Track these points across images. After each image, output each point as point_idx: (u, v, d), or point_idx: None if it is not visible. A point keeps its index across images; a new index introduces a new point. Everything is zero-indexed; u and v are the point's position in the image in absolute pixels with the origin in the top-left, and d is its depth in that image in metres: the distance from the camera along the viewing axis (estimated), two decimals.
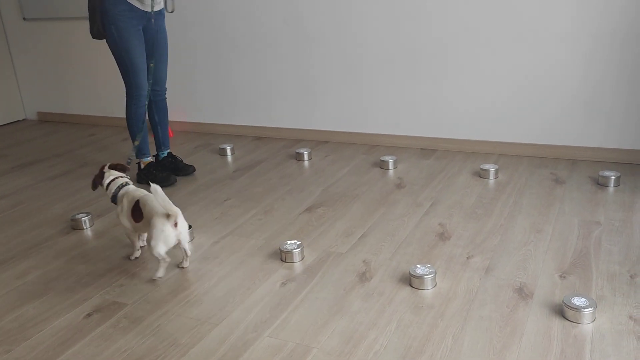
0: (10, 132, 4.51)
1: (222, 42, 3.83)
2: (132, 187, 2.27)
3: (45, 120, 4.82)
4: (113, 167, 2.35)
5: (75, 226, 2.63)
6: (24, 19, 4.50)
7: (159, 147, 3.23)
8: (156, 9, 2.88)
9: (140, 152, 3.10)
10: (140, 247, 2.32)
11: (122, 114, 4.45)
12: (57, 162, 3.68)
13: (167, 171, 3.15)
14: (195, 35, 3.82)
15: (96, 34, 2.84)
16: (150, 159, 3.15)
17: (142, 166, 3.12)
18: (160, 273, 2.10)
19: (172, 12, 3.07)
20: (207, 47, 3.89)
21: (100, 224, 2.68)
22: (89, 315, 1.94)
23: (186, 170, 3.22)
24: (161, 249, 2.03)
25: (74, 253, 2.40)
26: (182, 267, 2.19)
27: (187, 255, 2.18)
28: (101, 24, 2.79)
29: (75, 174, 3.41)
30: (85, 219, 2.63)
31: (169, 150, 3.26)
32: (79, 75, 4.51)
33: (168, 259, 2.09)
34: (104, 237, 2.54)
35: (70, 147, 3.99)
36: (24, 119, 4.90)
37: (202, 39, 3.84)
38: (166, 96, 3.17)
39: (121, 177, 2.31)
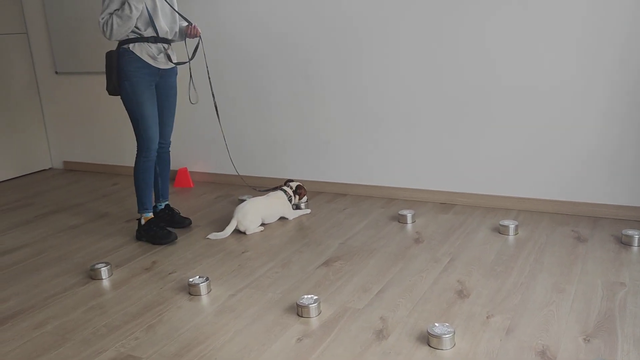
0: (36, 181, 4.63)
1: (243, 97, 3.94)
2: None
3: (71, 169, 4.94)
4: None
5: (95, 276, 2.66)
6: (56, 72, 4.71)
7: (157, 198, 3.26)
8: (167, 66, 2.98)
9: (142, 207, 3.07)
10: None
11: None
12: (80, 211, 3.75)
13: (162, 223, 3.14)
14: (215, 90, 3.94)
15: (112, 90, 2.94)
16: (150, 214, 3.11)
17: (143, 222, 3.09)
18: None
19: (195, 103, 3.40)
20: (226, 102, 3.99)
21: (119, 274, 2.70)
22: None
23: (182, 223, 3.24)
24: None
25: (92, 303, 2.41)
26: None
27: None
28: (117, 81, 2.90)
29: (96, 224, 3.46)
30: (104, 269, 2.66)
31: (167, 202, 3.29)
32: (104, 126, 4.65)
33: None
34: (122, 287, 2.55)
35: (94, 196, 4.07)
36: (50, 168, 5.03)
37: (223, 94, 3.95)
38: (170, 149, 3.22)
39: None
